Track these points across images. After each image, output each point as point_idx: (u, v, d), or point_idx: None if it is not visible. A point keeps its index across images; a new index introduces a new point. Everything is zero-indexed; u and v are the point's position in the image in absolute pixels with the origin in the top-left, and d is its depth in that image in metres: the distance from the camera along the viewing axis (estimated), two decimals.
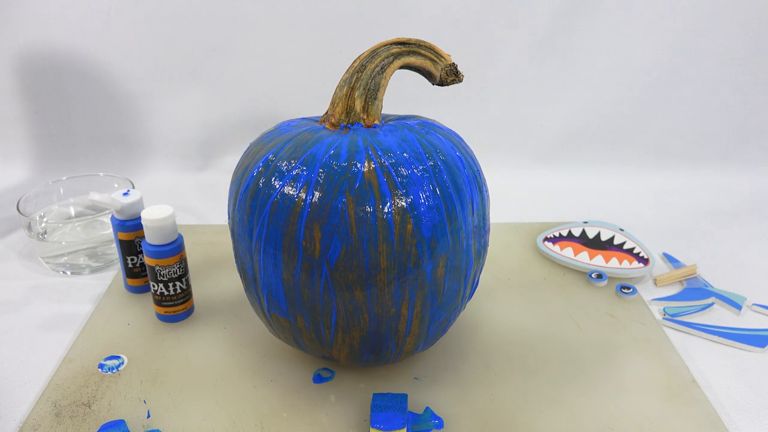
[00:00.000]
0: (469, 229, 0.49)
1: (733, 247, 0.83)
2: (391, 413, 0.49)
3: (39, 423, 0.52)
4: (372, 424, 0.48)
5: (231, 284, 0.71)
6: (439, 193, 0.47)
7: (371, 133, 0.50)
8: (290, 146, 0.49)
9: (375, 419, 0.48)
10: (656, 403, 0.55)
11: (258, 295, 0.51)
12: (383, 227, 0.45)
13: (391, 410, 0.49)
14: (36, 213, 0.80)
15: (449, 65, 0.53)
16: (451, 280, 0.49)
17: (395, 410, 0.49)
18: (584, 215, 0.89)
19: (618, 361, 0.60)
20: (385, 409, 0.49)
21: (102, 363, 0.59)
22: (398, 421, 0.48)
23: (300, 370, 0.58)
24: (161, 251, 0.60)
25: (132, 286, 0.69)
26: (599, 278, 0.72)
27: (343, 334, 0.49)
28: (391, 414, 0.49)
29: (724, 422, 0.53)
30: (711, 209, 0.94)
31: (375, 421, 0.48)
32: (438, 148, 0.49)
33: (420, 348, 0.54)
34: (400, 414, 0.49)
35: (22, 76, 1.00)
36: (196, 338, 0.63)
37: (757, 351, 0.63)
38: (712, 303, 0.70)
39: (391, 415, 0.49)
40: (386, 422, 0.48)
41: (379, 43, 0.52)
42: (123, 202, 0.65)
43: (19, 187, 0.98)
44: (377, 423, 0.48)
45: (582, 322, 0.66)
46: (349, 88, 0.51)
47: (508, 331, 0.64)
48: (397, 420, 0.48)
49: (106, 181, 0.84)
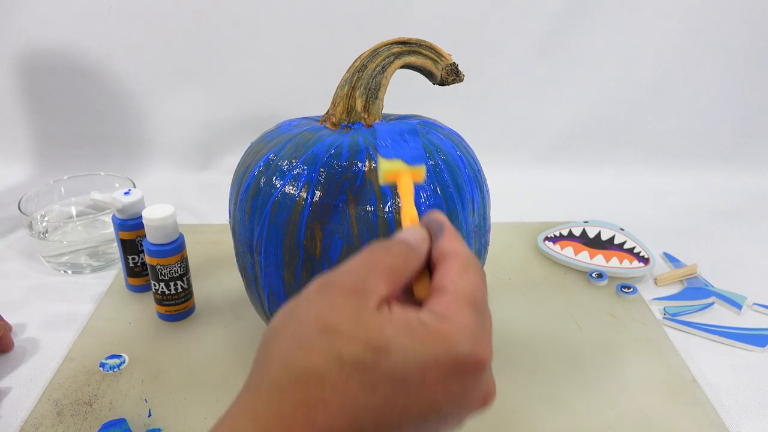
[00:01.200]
0: (469, 229, 0.50)
1: (733, 247, 0.83)
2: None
3: (40, 422, 0.52)
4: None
5: (232, 283, 0.71)
6: (439, 192, 0.47)
7: (372, 132, 0.50)
8: (291, 146, 0.49)
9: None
10: (657, 403, 0.55)
11: (259, 294, 0.51)
12: (384, 226, 0.45)
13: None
14: (37, 212, 0.80)
15: (450, 65, 0.53)
16: None
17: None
18: (585, 215, 0.89)
19: (618, 361, 0.60)
20: None
21: (103, 362, 0.59)
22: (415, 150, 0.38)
23: None
24: (162, 250, 0.60)
25: (133, 285, 0.69)
26: (600, 278, 0.72)
27: None
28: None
29: (724, 422, 0.53)
30: (711, 209, 0.94)
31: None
32: (439, 147, 0.49)
33: None
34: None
35: (22, 76, 1.00)
36: (197, 337, 0.63)
37: (757, 350, 0.63)
38: (712, 303, 0.70)
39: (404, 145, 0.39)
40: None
41: (380, 42, 0.52)
42: (124, 202, 0.65)
43: (20, 187, 0.98)
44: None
45: (582, 322, 0.66)
46: (350, 88, 0.51)
47: (508, 331, 0.64)
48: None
49: (107, 180, 0.84)
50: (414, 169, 0.37)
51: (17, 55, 0.98)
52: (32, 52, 0.98)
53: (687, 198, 0.98)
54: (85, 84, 1.00)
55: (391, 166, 0.37)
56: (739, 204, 0.96)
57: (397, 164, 0.37)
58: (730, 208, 0.95)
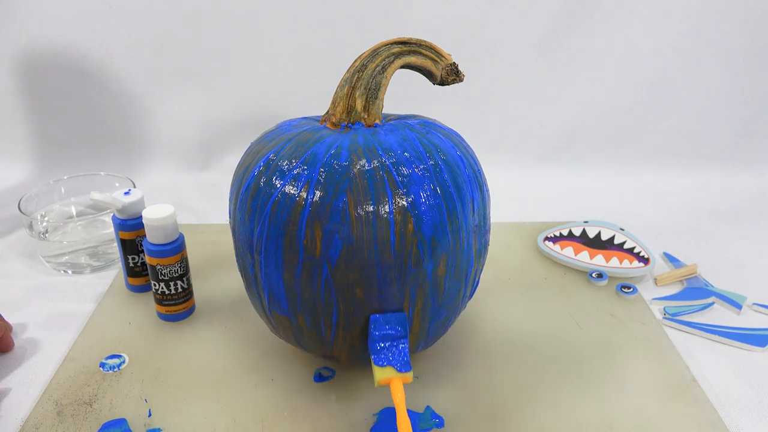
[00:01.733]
0: (469, 229, 0.50)
1: (733, 247, 0.83)
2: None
3: (40, 422, 0.52)
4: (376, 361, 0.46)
5: (232, 283, 0.71)
6: (439, 192, 0.47)
7: (372, 132, 0.50)
8: (291, 145, 0.49)
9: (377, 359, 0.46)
10: (657, 403, 0.55)
11: (259, 294, 0.51)
12: (384, 226, 0.45)
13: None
14: (37, 212, 0.80)
15: (450, 65, 0.53)
16: (451, 280, 0.50)
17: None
18: (585, 215, 0.89)
19: (618, 361, 0.60)
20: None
21: (103, 362, 0.59)
22: (402, 358, 0.46)
23: (301, 370, 0.58)
24: (162, 250, 0.60)
25: (133, 285, 0.69)
26: (600, 278, 0.72)
27: (344, 333, 0.50)
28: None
29: (724, 421, 0.53)
30: (711, 209, 0.95)
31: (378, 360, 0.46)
32: (439, 147, 0.49)
33: (421, 347, 0.54)
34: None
35: (22, 76, 1.00)
36: (197, 337, 0.63)
37: (757, 350, 0.63)
38: (712, 302, 0.70)
39: (396, 352, 0.46)
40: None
41: (380, 42, 0.52)
42: (124, 202, 0.65)
43: (20, 187, 0.98)
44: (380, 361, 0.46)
45: (582, 322, 0.66)
46: (350, 88, 0.51)
47: (508, 331, 0.64)
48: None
49: (107, 180, 0.84)
50: (403, 375, 0.45)
51: (17, 55, 0.98)
52: (32, 52, 0.98)
53: (687, 198, 0.98)
54: (85, 84, 1.00)
55: (383, 374, 0.45)
56: (739, 204, 0.96)
57: (388, 372, 0.45)
58: (730, 208, 0.95)
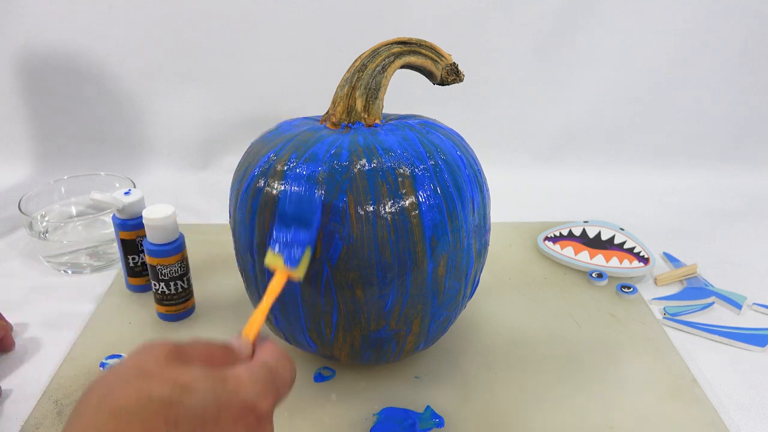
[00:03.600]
0: (469, 229, 0.50)
1: (733, 247, 0.83)
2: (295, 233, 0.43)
3: (41, 422, 0.52)
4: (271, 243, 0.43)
5: (232, 283, 0.71)
6: (439, 192, 0.47)
7: (372, 132, 0.50)
8: (291, 145, 0.49)
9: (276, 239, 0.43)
10: (657, 402, 0.55)
11: (259, 294, 0.51)
12: (384, 226, 0.45)
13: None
14: (37, 212, 0.80)
15: (450, 65, 0.53)
16: (451, 279, 0.50)
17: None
18: (585, 215, 0.89)
19: (618, 360, 0.60)
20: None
21: (103, 362, 0.59)
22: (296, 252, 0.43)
23: (301, 369, 0.58)
24: (162, 250, 0.60)
25: (133, 285, 0.69)
26: (600, 278, 0.72)
27: (344, 333, 0.50)
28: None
29: (724, 421, 0.53)
30: (711, 209, 0.95)
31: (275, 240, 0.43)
32: (439, 147, 0.49)
33: (421, 347, 0.54)
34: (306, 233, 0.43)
35: (22, 76, 1.00)
36: None
37: (757, 350, 0.63)
38: (712, 302, 0.70)
39: (291, 242, 0.43)
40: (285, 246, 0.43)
41: (380, 42, 0.52)
42: (124, 202, 0.65)
43: (20, 187, 0.98)
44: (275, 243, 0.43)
45: (582, 322, 0.66)
46: (350, 88, 0.51)
47: (508, 330, 0.64)
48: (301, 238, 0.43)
49: (108, 180, 0.84)
50: (288, 269, 0.42)
51: (17, 55, 0.98)
52: (32, 52, 0.98)
53: (686, 198, 0.98)
54: (85, 84, 1.00)
55: (273, 260, 0.42)
56: (739, 204, 0.96)
57: (278, 260, 0.42)
58: (730, 208, 0.95)
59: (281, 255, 0.42)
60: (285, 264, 0.42)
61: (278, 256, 0.42)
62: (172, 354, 0.31)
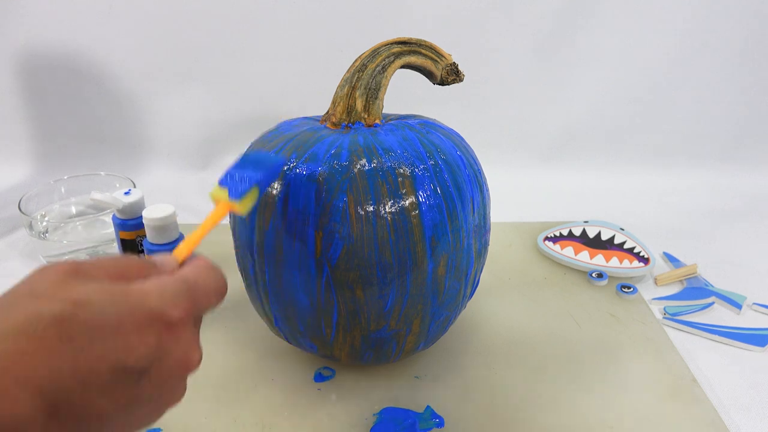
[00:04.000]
0: (469, 228, 0.50)
1: (733, 247, 0.83)
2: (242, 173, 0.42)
3: None
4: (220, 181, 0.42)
5: (232, 283, 0.70)
6: (439, 192, 0.47)
7: (372, 132, 0.50)
8: (291, 145, 0.49)
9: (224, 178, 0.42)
10: (657, 402, 0.55)
11: (259, 294, 0.51)
12: (384, 226, 0.45)
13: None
14: (37, 212, 0.80)
15: (450, 65, 0.53)
16: (451, 279, 0.50)
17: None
18: (585, 215, 0.89)
19: (618, 360, 0.60)
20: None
21: None
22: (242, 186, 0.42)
23: (301, 369, 0.58)
24: (163, 250, 0.60)
25: None
26: (600, 277, 0.72)
27: (344, 333, 0.50)
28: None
29: (724, 421, 0.53)
30: (711, 209, 0.95)
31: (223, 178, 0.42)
32: (439, 147, 0.49)
33: (421, 347, 0.54)
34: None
35: (22, 76, 1.00)
36: None
37: (757, 350, 0.63)
38: (712, 302, 0.70)
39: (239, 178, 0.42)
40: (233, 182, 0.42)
41: (380, 42, 0.52)
42: (124, 202, 0.65)
43: (20, 187, 0.98)
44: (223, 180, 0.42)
45: (582, 322, 0.66)
46: (350, 88, 0.51)
47: (508, 330, 0.64)
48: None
49: (108, 180, 0.84)
50: (232, 202, 0.41)
51: (17, 55, 0.98)
52: (32, 52, 0.98)
53: (687, 198, 0.98)
54: (85, 84, 1.00)
55: (218, 193, 0.41)
56: (739, 204, 0.96)
57: (222, 194, 0.41)
58: (730, 208, 0.95)
59: (226, 188, 0.41)
60: (229, 196, 0.41)
61: (224, 189, 0.41)
62: (69, 273, 0.30)
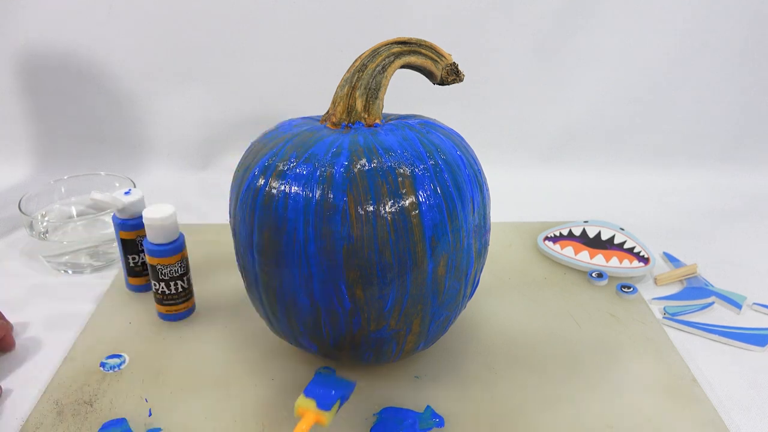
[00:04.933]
0: (469, 228, 0.50)
1: (733, 247, 0.83)
2: (326, 390, 0.46)
3: (41, 421, 0.52)
4: (305, 392, 0.46)
5: (232, 283, 0.71)
6: (439, 192, 0.47)
7: (372, 132, 0.50)
8: (291, 145, 0.49)
9: (309, 390, 0.46)
10: (657, 402, 0.55)
11: (259, 294, 0.51)
12: (384, 226, 0.45)
13: (328, 388, 0.47)
14: (37, 212, 0.80)
15: (450, 64, 0.53)
16: (451, 279, 0.50)
17: (331, 387, 0.47)
18: (585, 214, 0.89)
19: (618, 360, 0.60)
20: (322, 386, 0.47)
21: (103, 362, 0.59)
22: (329, 399, 0.45)
23: (301, 369, 0.58)
24: (163, 250, 0.60)
25: (133, 285, 0.69)
26: (600, 277, 0.72)
27: (344, 333, 0.50)
28: (326, 391, 0.46)
29: (724, 421, 0.53)
30: (711, 209, 0.95)
31: (308, 391, 0.46)
32: (439, 147, 0.49)
33: (421, 347, 0.54)
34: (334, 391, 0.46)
35: (22, 76, 1.00)
36: (198, 337, 0.63)
37: (757, 350, 0.63)
38: (712, 302, 0.70)
39: (325, 392, 0.46)
40: (319, 396, 0.46)
41: (380, 42, 0.52)
42: (124, 201, 0.65)
43: (20, 186, 0.98)
44: (310, 393, 0.46)
45: (582, 322, 0.66)
46: (350, 88, 0.51)
47: (508, 330, 0.64)
48: (328, 398, 0.46)
49: (108, 180, 0.84)
50: (320, 413, 0.44)
51: (17, 55, 0.98)
52: (32, 52, 0.98)
53: (686, 198, 0.98)
54: (85, 84, 1.00)
55: (304, 404, 0.45)
56: (739, 204, 0.96)
57: (310, 404, 0.45)
58: (730, 208, 0.95)
59: (314, 399, 0.45)
60: (317, 407, 0.44)
61: (310, 400, 0.45)
62: None
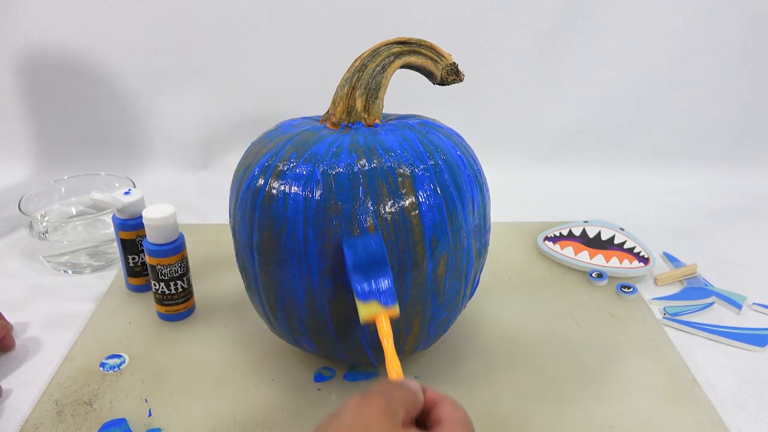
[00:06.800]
0: (469, 228, 0.50)
1: (733, 247, 0.83)
2: None
3: (41, 421, 0.52)
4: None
5: (232, 283, 0.71)
6: (439, 192, 0.47)
7: (372, 132, 0.50)
8: (291, 145, 0.49)
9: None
10: (657, 402, 0.55)
11: (259, 294, 0.51)
12: (384, 226, 0.45)
13: None
14: (37, 212, 0.80)
15: (450, 65, 0.53)
16: (451, 279, 0.50)
17: None
18: (585, 214, 0.89)
19: (618, 360, 0.60)
20: None
21: (103, 362, 0.59)
22: (386, 293, 0.44)
23: (301, 369, 0.58)
24: (162, 250, 0.60)
25: (133, 285, 0.69)
26: (600, 277, 0.72)
27: (344, 333, 0.50)
28: None
29: (724, 421, 0.53)
30: (711, 209, 0.95)
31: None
32: (439, 147, 0.49)
33: (421, 347, 0.54)
34: None
35: (22, 76, 1.00)
36: (197, 337, 0.63)
37: (757, 350, 0.63)
38: (712, 302, 0.70)
39: (375, 286, 0.44)
40: None
41: (380, 42, 0.52)
42: (124, 201, 0.65)
43: (20, 186, 0.98)
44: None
45: (582, 322, 0.66)
46: (350, 88, 0.51)
47: (508, 331, 0.64)
48: None
49: (108, 180, 0.84)
50: (388, 309, 0.43)
51: (17, 55, 0.98)
52: (32, 52, 0.98)
53: (686, 198, 0.98)
54: (85, 84, 1.00)
55: (368, 310, 0.43)
56: (739, 204, 0.96)
57: (373, 307, 0.43)
58: (730, 208, 0.95)
59: (374, 301, 0.44)
60: (383, 307, 0.43)
61: (372, 304, 0.44)
62: (387, 413, 0.34)
